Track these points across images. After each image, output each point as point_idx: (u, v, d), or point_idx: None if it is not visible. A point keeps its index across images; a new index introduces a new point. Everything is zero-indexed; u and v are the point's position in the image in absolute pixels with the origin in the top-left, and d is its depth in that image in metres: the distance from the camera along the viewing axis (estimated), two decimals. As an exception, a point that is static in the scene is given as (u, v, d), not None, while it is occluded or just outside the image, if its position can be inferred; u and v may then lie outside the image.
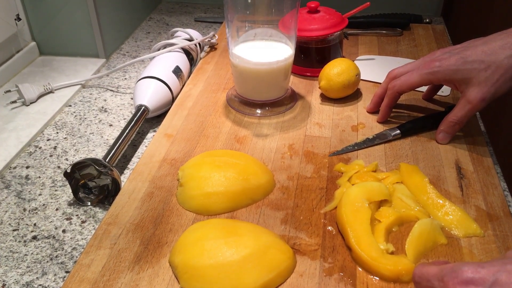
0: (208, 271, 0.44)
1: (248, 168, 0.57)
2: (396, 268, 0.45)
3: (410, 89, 0.64)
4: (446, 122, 0.62)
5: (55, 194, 0.61)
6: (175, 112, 0.72)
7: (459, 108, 0.60)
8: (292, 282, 0.46)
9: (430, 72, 0.61)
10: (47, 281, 0.50)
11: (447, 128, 0.62)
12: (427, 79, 0.62)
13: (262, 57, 0.68)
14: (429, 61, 0.61)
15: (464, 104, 0.60)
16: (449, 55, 0.60)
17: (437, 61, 0.60)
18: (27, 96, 0.78)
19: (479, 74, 0.57)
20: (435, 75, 0.60)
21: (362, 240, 0.47)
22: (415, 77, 0.62)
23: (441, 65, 0.60)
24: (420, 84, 0.63)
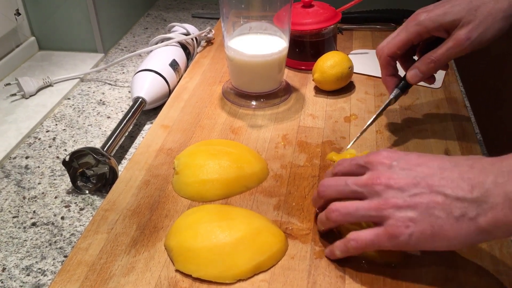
0: (202, 253, 0.46)
1: (242, 156, 0.59)
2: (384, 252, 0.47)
3: (400, 48, 0.58)
4: (422, 59, 0.57)
5: (54, 183, 0.63)
6: (172, 104, 0.73)
7: (441, 46, 0.55)
8: (284, 264, 0.47)
9: (417, 23, 0.56)
10: (46, 265, 0.51)
11: (421, 65, 0.57)
12: (415, 32, 0.56)
13: (257, 50, 0.69)
14: (414, 15, 0.57)
15: (447, 42, 0.55)
16: (435, 6, 0.56)
17: (423, 12, 0.56)
18: (26, 89, 0.80)
19: (468, 14, 0.53)
20: (423, 24, 0.55)
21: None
22: (401, 34, 0.57)
23: (428, 14, 0.55)
24: (408, 40, 0.57)
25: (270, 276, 0.46)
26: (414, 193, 0.41)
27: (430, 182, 0.41)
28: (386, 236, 0.42)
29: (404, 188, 0.42)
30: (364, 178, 0.44)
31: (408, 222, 0.41)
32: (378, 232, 0.42)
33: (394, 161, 0.44)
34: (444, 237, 0.40)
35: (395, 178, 0.42)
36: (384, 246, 0.42)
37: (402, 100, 0.73)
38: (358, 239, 0.44)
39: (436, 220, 0.40)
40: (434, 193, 0.40)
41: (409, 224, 0.41)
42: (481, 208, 0.38)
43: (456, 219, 0.39)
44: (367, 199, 0.44)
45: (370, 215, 0.43)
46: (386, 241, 0.42)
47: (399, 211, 0.41)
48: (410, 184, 0.42)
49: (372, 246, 0.43)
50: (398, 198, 0.42)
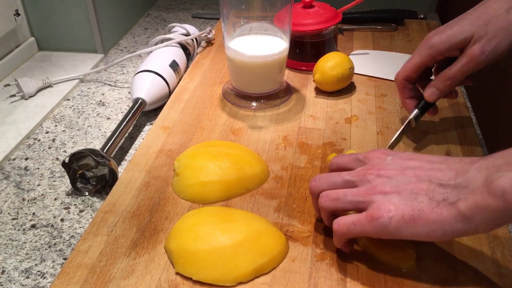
0: (202, 256, 0.46)
1: (243, 158, 0.58)
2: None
3: (414, 71, 0.59)
4: (438, 77, 0.58)
5: (53, 185, 0.62)
6: (172, 105, 0.73)
7: (456, 62, 0.56)
8: (285, 267, 0.47)
9: (428, 46, 0.57)
10: (46, 267, 0.51)
11: (438, 83, 0.58)
12: (427, 55, 0.57)
13: (257, 51, 0.69)
14: (426, 39, 0.58)
15: (461, 58, 0.55)
16: (445, 27, 0.56)
17: (435, 35, 0.57)
18: (26, 90, 0.79)
19: (479, 29, 0.53)
20: (435, 47, 0.56)
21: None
22: (415, 58, 0.59)
23: (439, 36, 0.56)
24: (421, 63, 0.58)
25: (271, 279, 0.46)
26: (402, 181, 0.43)
27: (418, 172, 0.43)
28: (366, 219, 0.42)
29: (393, 177, 0.43)
30: (358, 169, 0.46)
31: (390, 206, 0.41)
32: (360, 215, 0.43)
33: (389, 156, 0.46)
34: (424, 222, 0.40)
35: (386, 169, 0.44)
36: (365, 229, 0.43)
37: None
38: (340, 223, 0.44)
39: (418, 204, 0.41)
40: (419, 182, 0.42)
41: (391, 208, 0.41)
42: (461, 192, 0.39)
43: (437, 203, 0.40)
44: (358, 187, 0.45)
45: (358, 201, 0.44)
46: (366, 223, 0.42)
47: (384, 197, 0.42)
48: (399, 174, 0.43)
49: (353, 229, 0.43)
50: (385, 186, 0.43)
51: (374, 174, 0.44)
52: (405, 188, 0.42)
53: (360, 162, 0.48)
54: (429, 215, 0.40)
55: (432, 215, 0.40)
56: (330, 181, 0.47)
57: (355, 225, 0.43)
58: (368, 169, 0.45)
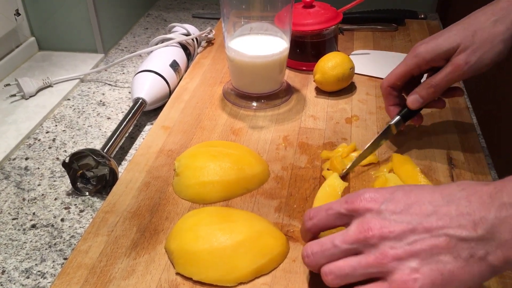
0: (203, 256, 0.46)
1: (243, 158, 0.58)
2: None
3: (399, 79, 0.59)
4: (422, 84, 0.58)
5: (53, 185, 0.62)
6: (172, 105, 0.73)
7: (440, 71, 0.56)
8: (285, 267, 0.47)
9: (414, 55, 0.57)
10: (46, 267, 0.51)
11: (421, 90, 0.57)
12: (413, 64, 0.57)
13: (258, 51, 0.69)
14: (413, 48, 0.58)
15: (446, 67, 0.55)
16: (431, 38, 0.57)
17: (421, 44, 0.57)
18: (26, 90, 0.79)
19: (465, 40, 0.54)
20: (420, 56, 0.56)
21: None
22: (401, 66, 0.59)
23: (425, 46, 0.56)
24: (406, 72, 0.58)
25: (271, 279, 0.46)
26: (414, 240, 0.38)
27: (427, 225, 0.38)
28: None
29: (401, 236, 0.38)
30: (353, 232, 0.40)
31: (414, 274, 0.37)
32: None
33: (381, 205, 0.40)
34: (457, 282, 0.36)
35: (388, 227, 0.39)
36: None
37: (404, 101, 0.73)
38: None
39: (445, 266, 0.36)
40: (435, 237, 0.37)
41: (416, 276, 0.37)
42: (489, 246, 0.36)
43: (465, 261, 0.36)
44: (363, 253, 0.39)
45: (371, 272, 0.39)
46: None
47: (401, 263, 0.38)
48: (406, 231, 0.38)
49: None
50: (397, 249, 0.38)
51: (377, 236, 0.39)
52: (422, 248, 0.37)
53: (346, 218, 0.41)
54: (461, 275, 0.36)
55: (464, 274, 0.36)
56: (327, 254, 0.41)
57: None
58: (367, 231, 0.39)
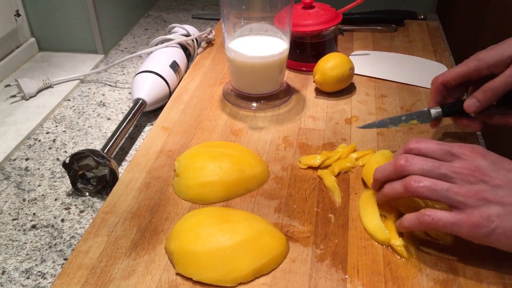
0: (203, 257, 0.46)
1: (243, 159, 0.58)
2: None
3: (455, 79, 0.58)
4: (481, 88, 0.56)
5: (54, 185, 0.62)
6: (172, 105, 0.73)
7: (500, 76, 0.54)
8: (285, 268, 0.47)
9: (477, 58, 0.56)
10: (46, 268, 0.51)
11: (479, 94, 0.56)
12: (474, 66, 0.56)
13: (258, 51, 0.69)
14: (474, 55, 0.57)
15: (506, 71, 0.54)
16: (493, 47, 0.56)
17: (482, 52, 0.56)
18: (26, 91, 0.79)
19: None
20: (483, 60, 0.55)
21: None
22: (461, 66, 0.57)
23: (489, 51, 0.55)
24: (466, 73, 0.57)
25: (271, 279, 0.46)
26: (507, 193, 0.43)
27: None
28: (467, 224, 0.43)
29: (498, 187, 0.43)
30: (458, 165, 0.45)
31: (493, 217, 0.42)
32: (460, 217, 0.43)
33: (489, 161, 0.45)
34: None
35: (490, 175, 0.44)
36: (460, 232, 0.43)
37: (404, 101, 0.73)
38: (434, 216, 0.44)
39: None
40: None
41: (495, 219, 0.42)
42: None
43: None
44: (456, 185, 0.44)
45: (457, 200, 0.44)
46: (466, 228, 0.43)
47: (487, 205, 0.43)
48: (504, 186, 0.43)
49: (448, 228, 0.44)
50: (489, 193, 0.43)
51: (478, 177, 0.44)
52: (510, 202, 0.42)
53: (452, 157, 0.47)
54: None
55: None
56: (425, 168, 0.46)
57: (452, 225, 0.43)
58: (471, 170, 0.44)
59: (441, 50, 0.88)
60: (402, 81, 0.78)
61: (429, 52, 0.88)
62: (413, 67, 0.83)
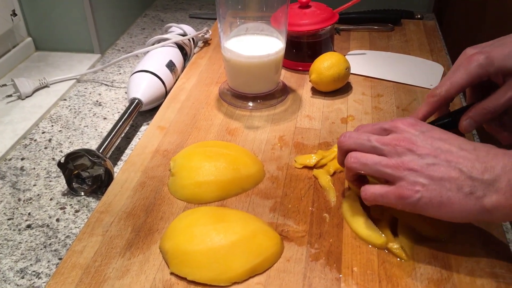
0: (197, 256, 0.46)
1: (239, 158, 0.58)
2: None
3: (459, 90, 0.52)
4: (477, 108, 0.51)
5: (49, 185, 0.62)
6: (168, 105, 0.73)
7: (498, 94, 0.49)
8: (279, 267, 0.47)
9: (478, 65, 0.49)
10: (41, 267, 0.51)
11: (476, 116, 0.51)
12: (476, 74, 0.50)
13: (254, 51, 0.69)
14: (470, 56, 0.50)
15: (506, 89, 0.49)
16: (492, 47, 0.50)
17: (479, 53, 0.50)
18: (22, 90, 0.79)
19: None
20: (485, 67, 0.49)
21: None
22: (462, 75, 0.51)
23: (489, 55, 0.49)
24: (468, 83, 0.51)
25: (265, 279, 0.46)
26: (432, 162, 0.44)
27: (449, 158, 0.44)
28: (394, 195, 0.45)
29: (424, 156, 0.45)
30: (387, 137, 0.47)
31: (419, 187, 0.44)
32: (388, 189, 0.45)
33: (419, 131, 0.47)
34: (449, 209, 0.43)
35: (417, 145, 0.45)
36: (391, 203, 0.46)
37: (400, 101, 0.73)
38: (367, 191, 0.47)
39: (446, 192, 0.43)
40: (450, 168, 0.44)
41: (420, 189, 0.44)
42: (488, 189, 0.42)
43: (465, 195, 0.43)
44: (386, 157, 0.46)
45: (386, 172, 0.46)
46: (394, 199, 0.45)
47: (413, 175, 0.44)
48: (430, 154, 0.45)
49: (380, 200, 0.46)
50: (415, 163, 0.44)
51: (405, 147, 0.45)
52: (435, 171, 0.44)
53: (385, 131, 0.49)
54: (455, 205, 0.43)
55: (458, 205, 0.43)
56: (359, 142, 0.49)
57: (382, 197, 0.46)
58: (399, 140, 0.46)
59: (437, 49, 0.88)
60: (399, 81, 0.78)
61: (425, 51, 0.88)
62: (410, 66, 0.83)
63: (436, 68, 0.82)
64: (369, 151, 0.48)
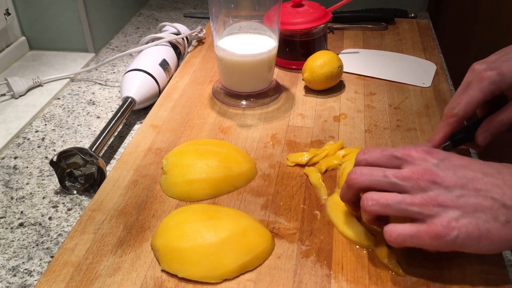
0: (188, 253, 0.46)
1: (230, 156, 0.59)
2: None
3: (476, 108, 0.51)
4: (493, 121, 0.51)
5: (42, 183, 0.62)
6: (162, 103, 0.73)
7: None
8: (270, 264, 0.47)
9: (491, 82, 0.49)
10: (33, 265, 0.51)
11: (492, 129, 0.51)
12: (489, 91, 0.50)
13: (246, 50, 0.69)
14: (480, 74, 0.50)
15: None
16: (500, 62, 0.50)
17: (489, 70, 0.50)
18: (16, 89, 0.79)
19: None
20: (499, 84, 0.49)
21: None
22: (476, 93, 0.50)
23: (500, 71, 0.49)
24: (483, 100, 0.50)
25: (256, 275, 0.46)
26: (461, 194, 0.41)
27: (477, 186, 0.41)
28: (428, 234, 0.41)
29: (451, 188, 0.41)
30: (406, 171, 0.43)
31: (454, 223, 0.40)
32: (419, 229, 0.41)
33: (437, 159, 0.43)
34: (489, 241, 0.41)
35: (441, 176, 0.42)
36: (424, 244, 0.42)
37: (392, 99, 0.73)
38: (393, 232, 0.42)
39: (484, 224, 0.40)
40: (481, 197, 0.41)
41: (455, 225, 0.40)
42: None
43: (502, 224, 0.40)
44: (408, 193, 0.42)
45: (412, 211, 0.42)
46: (428, 239, 0.41)
47: (445, 211, 0.41)
48: (457, 185, 0.41)
49: (410, 242, 0.42)
50: (444, 197, 0.41)
51: (429, 180, 0.42)
52: (467, 203, 0.41)
53: (398, 161, 0.44)
54: (494, 235, 0.40)
55: (497, 235, 0.40)
56: (374, 179, 0.44)
57: (412, 238, 0.42)
58: (421, 174, 0.42)
59: (430, 48, 0.88)
60: (391, 79, 0.78)
61: (418, 50, 0.88)
62: (403, 65, 0.83)
63: (429, 66, 0.82)
64: (387, 188, 0.43)
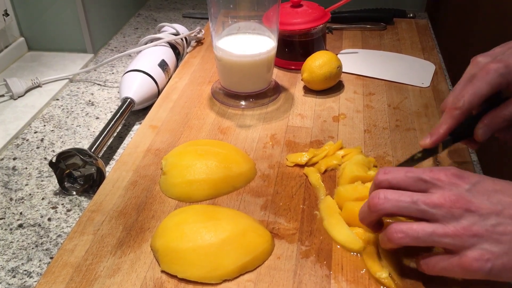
0: (188, 254, 0.46)
1: (230, 156, 0.59)
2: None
3: (480, 100, 0.48)
4: (493, 116, 0.48)
5: (41, 184, 0.62)
6: (161, 104, 0.73)
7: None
8: (270, 264, 0.47)
9: (499, 74, 0.47)
10: (32, 266, 0.51)
11: (493, 124, 0.48)
12: (497, 84, 0.47)
13: (245, 50, 0.69)
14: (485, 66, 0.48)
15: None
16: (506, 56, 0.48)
17: (497, 63, 0.47)
18: (15, 90, 0.79)
19: None
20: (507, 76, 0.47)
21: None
22: (482, 85, 0.47)
23: (507, 64, 0.47)
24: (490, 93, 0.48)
25: (256, 276, 0.46)
26: (498, 222, 0.38)
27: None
28: (461, 268, 0.39)
29: (486, 216, 0.39)
30: (437, 197, 0.40)
31: (488, 255, 0.38)
32: (452, 262, 0.40)
33: (469, 184, 0.40)
34: None
35: (475, 203, 0.39)
36: (456, 275, 0.41)
37: (391, 99, 0.73)
38: (429, 265, 0.42)
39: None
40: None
41: (490, 257, 0.38)
42: None
43: None
44: (439, 222, 0.39)
45: (445, 243, 0.39)
46: (460, 272, 0.39)
47: (480, 241, 0.38)
48: (492, 212, 0.39)
49: (444, 273, 0.41)
50: (479, 227, 0.38)
51: (462, 208, 0.39)
52: (503, 233, 0.38)
53: (426, 184, 0.41)
54: None
55: None
56: (401, 206, 0.41)
57: (446, 271, 0.40)
58: (454, 201, 0.39)
59: (429, 48, 0.89)
60: (390, 79, 0.78)
61: (417, 50, 0.88)
62: (401, 65, 0.83)
63: (428, 66, 0.82)
64: (414, 215, 0.41)
